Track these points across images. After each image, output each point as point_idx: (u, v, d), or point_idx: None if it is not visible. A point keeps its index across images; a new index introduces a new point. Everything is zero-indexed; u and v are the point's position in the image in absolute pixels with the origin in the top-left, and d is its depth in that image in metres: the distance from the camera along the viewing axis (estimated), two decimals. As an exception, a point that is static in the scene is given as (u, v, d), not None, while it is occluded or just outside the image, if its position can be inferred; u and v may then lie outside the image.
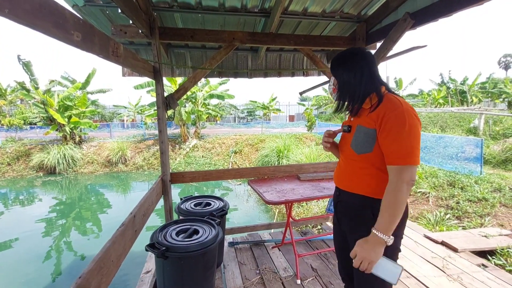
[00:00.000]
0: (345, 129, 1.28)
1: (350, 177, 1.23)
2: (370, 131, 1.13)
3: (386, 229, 1.05)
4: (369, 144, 1.13)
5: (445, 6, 1.91)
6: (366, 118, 1.16)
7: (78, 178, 11.79)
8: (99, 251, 1.19)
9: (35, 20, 0.81)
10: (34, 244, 6.02)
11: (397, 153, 1.05)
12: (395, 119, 1.06)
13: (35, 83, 12.16)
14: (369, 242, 1.07)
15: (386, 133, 1.07)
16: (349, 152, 1.23)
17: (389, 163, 1.08)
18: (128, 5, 1.75)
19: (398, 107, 1.08)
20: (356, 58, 1.22)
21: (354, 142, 1.20)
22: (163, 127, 2.47)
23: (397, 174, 1.05)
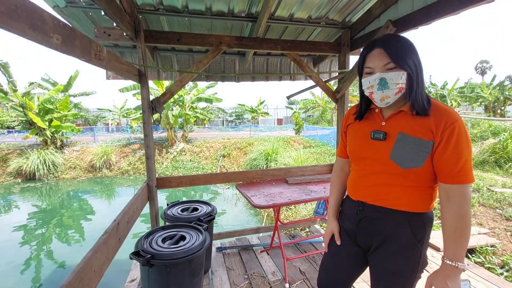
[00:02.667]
0: (377, 136, 1.03)
1: (384, 191, 1.04)
2: (424, 142, 0.93)
3: (462, 257, 0.92)
4: (420, 158, 0.94)
5: (425, 14, 1.98)
6: (413, 125, 0.96)
7: (59, 184, 11.37)
8: (80, 261, 1.14)
9: (10, 22, 0.78)
10: (11, 254, 5.74)
11: (463, 170, 0.91)
12: (459, 129, 0.90)
13: (13, 85, 11.68)
14: (451, 276, 0.92)
15: (452, 147, 0.90)
16: (386, 163, 1.00)
17: (452, 182, 0.92)
18: (111, 7, 1.71)
19: (456, 115, 0.92)
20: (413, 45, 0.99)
21: (397, 154, 0.98)
22: (148, 131, 2.42)
23: (463, 194, 0.91)
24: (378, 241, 1.08)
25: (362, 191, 1.11)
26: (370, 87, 1.00)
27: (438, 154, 0.93)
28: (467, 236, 0.92)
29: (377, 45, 0.98)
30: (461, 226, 0.92)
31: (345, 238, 1.20)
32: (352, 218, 1.16)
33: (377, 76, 0.97)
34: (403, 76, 0.94)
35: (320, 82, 3.03)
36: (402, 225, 1.02)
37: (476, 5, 1.65)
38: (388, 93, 0.96)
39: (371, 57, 1.00)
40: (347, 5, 2.48)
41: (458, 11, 1.76)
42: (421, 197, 1.00)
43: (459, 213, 0.92)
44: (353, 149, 1.14)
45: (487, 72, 46.46)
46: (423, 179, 0.98)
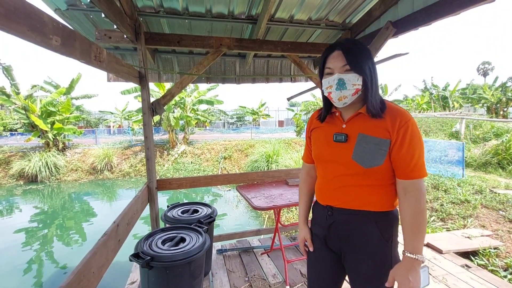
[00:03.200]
0: (339, 138, 1.07)
1: (349, 192, 1.07)
2: (383, 141, 0.99)
3: (420, 249, 0.97)
4: (380, 157, 0.99)
5: (425, 15, 1.98)
6: (370, 125, 1.02)
7: (61, 186, 11.39)
8: (79, 263, 1.14)
9: (9, 23, 0.79)
10: (13, 256, 5.74)
11: (417, 165, 0.97)
12: (412, 128, 0.98)
13: (16, 88, 11.75)
14: (412, 269, 0.95)
15: (406, 145, 0.97)
16: (349, 165, 1.04)
17: (408, 177, 0.98)
18: (112, 10, 1.72)
19: (409, 115, 1.00)
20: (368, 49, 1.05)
21: (358, 154, 1.02)
22: (149, 133, 2.43)
23: (418, 189, 0.98)
24: (349, 244, 1.10)
25: (329, 195, 1.13)
26: (329, 87, 1.04)
27: (395, 152, 0.99)
28: (424, 229, 0.98)
29: (337, 48, 1.03)
30: (418, 219, 0.97)
31: (320, 245, 1.21)
32: (322, 224, 1.17)
33: (336, 76, 1.01)
34: (360, 78, 1.00)
35: (321, 84, 3.03)
36: (369, 225, 1.05)
37: (476, 6, 1.65)
38: (345, 93, 1.01)
39: (331, 59, 1.04)
40: (347, 7, 2.49)
41: (458, 12, 1.75)
42: (384, 195, 1.05)
43: (416, 207, 0.97)
44: (318, 153, 1.16)
45: (489, 73, 46.30)
46: (385, 177, 1.03)
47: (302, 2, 2.32)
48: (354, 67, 0.99)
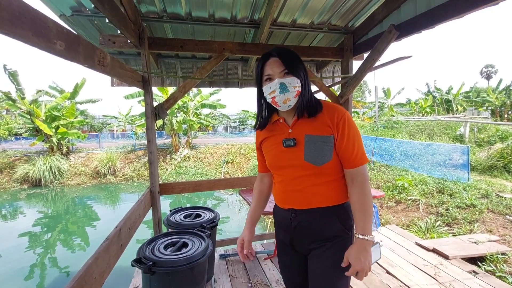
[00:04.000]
0: (288, 143, 1.11)
1: (309, 193, 1.11)
2: (327, 138, 1.07)
3: (369, 229, 1.05)
4: (328, 152, 1.07)
5: (428, 18, 1.97)
6: (313, 126, 1.09)
7: (64, 190, 11.45)
8: (80, 269, 1.13)
9: (14, 29, 0.79)
10: (16, 260, 5.76)
11: (359, 154, 1.07)
12: (348, 119, 1.08)
13: (21, 93, 11.90)
14: (363, 249, 1.03)
15: (346, 136, 1.06)
16: (304, 166, 1.09)
17: (353, 166, 1.08)
18: (116, 15, 1.73)
19: (343, 109, 1.10)
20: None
21: (309, 155, 1.07)
22: (152, 137, 2.43)
23: (363, 174, 1.08)
24: (314, 241, 1.14)
25: (291, 198, 1.16)
26: (272, 92, 1.08)
27: (339, 144, 1.07)
28: (371, 210, 1.07)
29: (273, 55, 1.09)
30: (366, 202, 1.05)
31: (287, 249, 1.24)
32: (286, 227, 1.20)
33: (277, 81, 1.06)
34: (298, 81, 1.07)
35: (324, 87, 3.02)
36: (331, 219, 1.12)
37: (480, 8, 1.64)
38: (289, 96, 1.07)
39: (269, 65, 1.09)
40: (350, 11, 2.49)
41: (462, 15, 1.74)
42: (339, 189, 1.13)
43: (362, 191, 1.06)
44: (272, 161, 1.20)
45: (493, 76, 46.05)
46: (336, 171, 1.11)
47: (305, 6, 2.33)
48: (292, 71, 1.07)
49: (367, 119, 21.71)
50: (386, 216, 5.42)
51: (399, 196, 6.02)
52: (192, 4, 2.20)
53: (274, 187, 1.27)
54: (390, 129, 14.61)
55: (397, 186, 6.41)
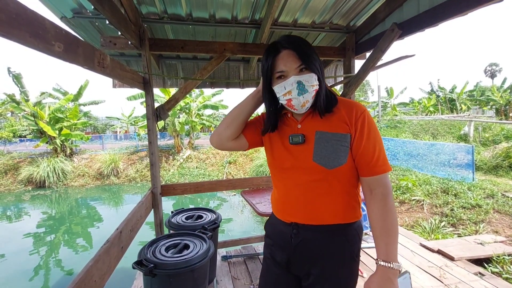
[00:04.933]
0: (296, 140, 0.95)
1: (316, 204, 0.93)
2: (343, 136, 0.90)
3: (395, 254, 0.85)
4: (343, 154, 0.89)
5: (431, 16, 1.94)
6: (326, 121, 0.93)
7: (68, 191, 11.52)
8: (80, 271, 1.12)
9: (11, 30, 0.78)
10: (20, 261, 5.80)
11: (380, 159, 0.89)
12: (369, 118, 0.91)
13: (25, 95, 12.01)
14: (387, 280, 0.83)
15: (366, 136, 0.89)
16: (311, 169, 0.92)
17: (373, 173, 0.89)
18: (116, 17, 1.73)
19: (363, 106, 0.94)
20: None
21: (319, 154, 0.90)
22: (153, 138, 2.42)
23: (385, 185, 0.89)
24: (316, 265, 0.96)
25: (294, 209, 0.97)
26: (288, 94, 0.90)
27: (356, 145, 0.90)
28: (396, 230, 0.87)
29: (285, 47, 0.90)
30: (389, 219, 0.86)
31: (279, 270, 1.03)
32: (285, 245, 1.00)
33: (293, 79, 0.88)
34: (315, 77, 0.90)
35: (326, 87, 3.00)
36: (340, 241, 0.94)
37: (484, 6, 1.61)
38: (307, 97, 0.90)
39: (282, 60, 0.90)
40: (351, 10, 2.46)
41: (466, 12, 1.71)
42: (350, 203, 0.95)
43: (385, 206, 0.87)
44: (275, 159, 1.01)
45: (497, 75, 45.64)
46: (350, 179, 0.93)
47: (306, 6, 2.31)
48: (309, 65, 0.89)
49: (370, 119, 21.54)
50: (390, 216, 5.37)
51: (402, 197, 5.96)
52: (193, 4, 2.19)
53: (274, 196, 1.09)
54: (393, 128, 14.52)
55: (400, 186, 6.36)
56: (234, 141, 1.06)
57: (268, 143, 1.05)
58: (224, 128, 1.04)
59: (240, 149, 1.12)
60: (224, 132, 1.04)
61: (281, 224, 1.01)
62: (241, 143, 1.08)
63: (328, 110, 0.93)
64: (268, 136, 1.05)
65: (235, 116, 1.04)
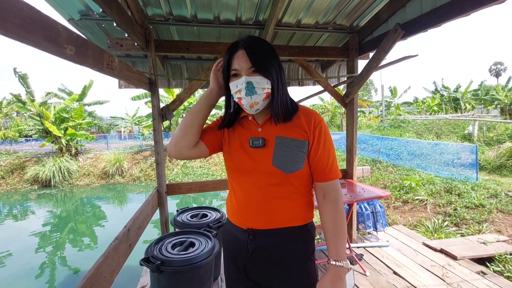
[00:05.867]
0: (256, 143, 0.95)
1: (273, 207, 0.94)
2: (302, 143, 0.93)
3: (344, 254, 0.91)
4: (300, 159, 0.93)
5: (434, 17, 1.96)
6: (287, 127, 0.95)
7: (73, 190, 11.64)
8: (91, 267, 1.16)
9: (27, 34, 0.82)
10: (27, 259, 5.88)
11: (333, 166, 0.95)
12: (325, 128, 0.96)
13: (31, 96, 12.15)
14: (338, 278, 0.89)
15: (322, 145, 0.94)
16: (270, 173, 0.94)
17: (326, 179, 0.95)
18: (123, 19, 1.77)
19: (320, 116, 0.98)
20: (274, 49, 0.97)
21: (279, 159, 0.93)
22: (159, 138, 2.46)
23: (337, 190, 0.96)
24: (274, 268, 0.97)
25: (251, 214, 0.97)
26: (238, 92, 0.93)
27: (313, 153, 0.95)
28: (345, 232, 0.95)
29: (241, 47, 0.92)
30: (339, 221, 0.93)
31: (238, 276, 1.03)
32: (241, 252, 0.99)
33: (244, 79, 0.90)
34: (268, 81, 0.92)
35: (329, 87, 3.02)
36: (296, 243, 0.96)
37: (485, 7, 1.62)
38: (256, 99, 0.91)
39: (236, 59, 0.92)
40: (355, 10, 2.48)
41: (468, 13, 1.73)
42: (305, 206, 0.99)
43: (336, 208, 0.94)
44: (235, 162, 1.00)
45: (502, 74, 45.19)
46: (305, 184, 0.98)
47: (309, 6, 2.33)
48: (260, 69, 0.90)
49: (374, 118, 21.52)
50: (393, 216, 5.37)
51: (406, 196, 5.96)
52: (198, 6, 2.23)
53: (230, 201, 1.06)
54: (397, 128, 14.46)
55: (404, 186, 6.35)
56: (193, 148, 1.02)
57: (227, 146, 1.04)
58: (181, 136, 0.99)
59: (200, 157, 1.06)
60: (182, 140, 0.99)
61: (237, 231, 1.00)
62: (201, 149, 1.04)
63: (288, 118, 0.95)
64: (228, 139, 1.04)
65: (191, 121, 1.00)
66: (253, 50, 0.91)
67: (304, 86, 3.73)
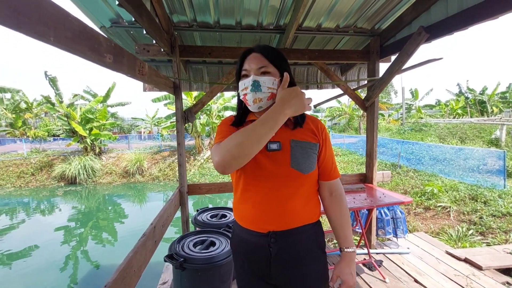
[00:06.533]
0: (273, 147, 0.98)
1: (291, 208, 0.97)
2: (314, 145, 1.02)
3: (352, 241, 1.05)
4: (314, 160, 1.02)
5: (460, 20, 1.91)
6: (298, 131, 1.02)
7: (97, 188, 12.15)
8: (123, 261, 1.24)
9: (75, 46, 0.90)
10: (52, 252, 6.20)
11: (336, 166, 1.08)
12: (326, 131, 1.08)
13: (59, 97, 12.84)
14: (352, 262, 1.02)
15: (328, 147, 1.06)
16: (289, 175, 0.97)
17: (332, 178, 1.06)
18: (152, 26, 1.87)
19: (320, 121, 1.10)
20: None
21: (296, 161, 0.97)
22: (181, 140, 2.55)
23: (341, 187, 1.08)
24: (295, 268, 0.99)
25: (270, 217, 0.97)
26: (245, 89, 0.99)
27: (323, 154, 1.05)
28: (350, 222, 1.07)
29: (255, 51, 1.01)
30: (346, 214, 1.06)
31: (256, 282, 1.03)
32: (261, 258, 0.99)
33: (251, 78, 0.96)
34: (275, 82, 0.96)
35: (349, 90, 3.01)
36: (311, 238, 1.03)
37: (517, 9, 1.57)
38: (260, 96, 0.96)
39: (248, 61, 1.00)
40: (377, 13, 2.47)
41: (497, 16, 1.68)
42: (316, 204, 1.06)
43: (342, 203, 1.06)
44: (250, 168, 0.97)
45: (535, 75, 42.48)
46: (315, 183, 1.06)
47: (331, 10, 2.34)
48: (270, 69, 0.98)
49: (393, 121, 20.94)
50: (414, 223, 5.22)
51: (427, 202, 5.76)
52: (221, 12, 2.30)
53: (243, 207, 1.03)
54: (418, 132, 13.99)
55: (425, 192, 6.15)
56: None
57: None
58: (245, 156, 0.84)
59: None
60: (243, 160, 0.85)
61: (255, 237, 0.99)
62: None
63: (300, 124, 1.03)
64: None
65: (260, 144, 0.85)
66: (265, 52, 1.00)
67: (322, 89, 3.72)
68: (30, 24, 0.68)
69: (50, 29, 0.78)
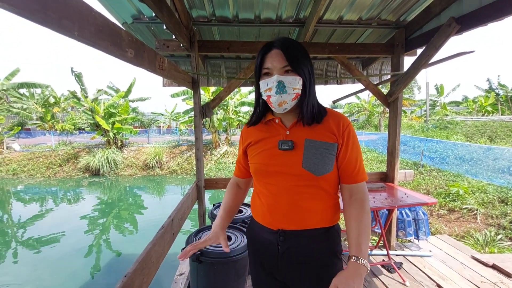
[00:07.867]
0: (285, 146, 0.96)
1: (302, 209, 0.95)
2: (331, 145, 0.93)
3: (366, 253, 0.88)
4: (330, 162, 0.93)
5: (495, 9, 1.78)
6: (315, 130, 0.96)
7: (118, 180, 12.64)
8: (142, 252, 1.27)
9: (98, 40, 0.91)
10: (77, 239, 6.55)
11: (361, 169, 0.96)
12: (353, 131, 0.97)
13: (85, 92, 13.40)
14: (357, 275, 0.82)
15: (350, 147, 0.95)
16: (300, 175, 0.94)
17: (354, 181, 0.96)
18: (172, 22, 1.88)
19: (346, 118, 0.99)
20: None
21: (309, 162, 0.93)
22: (199, 134, 2.58)
23: (363, 192, 0.96)
24: (303, 269, 0.97)
25: (279, 215, 0.97)
26: (268, 90, 0.94)
27: (342, 155, 0.95)
28: (369, 231, 0.92)
29: (276, 47, 0.93)
30: (364, 220, 0.91)
31: (264, 277, 1.05)
32: (270, 252, 1.00)
33: (275, 78, 0.91)
34: (300, 81, 0.92)
35: (370, 86, 2.90)
36: (324, 245, 0.97)
37: None
38: (285, 98, 0.92)
39: (270, 58, 0.94)
40: (402, 4, 2.34)
41: (541, 4, 1.54)
42: (332, 208, 0.99)
43: (362, 208, 0.93)
44: (261, 166, 1.00)
45: None
46: (333, 186, 0.98)
47: (353, 2, 2.25)
48: (295, 68, 0.91)
49: (416, 118, 20.10)
50: (437, 224, 5.00)
51: (452, 204, 5.50)
52: (240, 6, 2.28)
53: (256, 201, 1.06)
54: (443, 129, 13.36)
55: (450, 193, 5.87)
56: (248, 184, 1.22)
57: (255, 151, 1.04)
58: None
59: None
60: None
61: (266, 232, 1.01)
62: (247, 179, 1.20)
63: (318, 120, 0.96)
64: (255, 145, 1.05)
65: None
66: (288, 49, 0.92)
67: (342, 84, 3.62)
68: (57, 19, 0.69)
69: (75, 24, 0.79)
